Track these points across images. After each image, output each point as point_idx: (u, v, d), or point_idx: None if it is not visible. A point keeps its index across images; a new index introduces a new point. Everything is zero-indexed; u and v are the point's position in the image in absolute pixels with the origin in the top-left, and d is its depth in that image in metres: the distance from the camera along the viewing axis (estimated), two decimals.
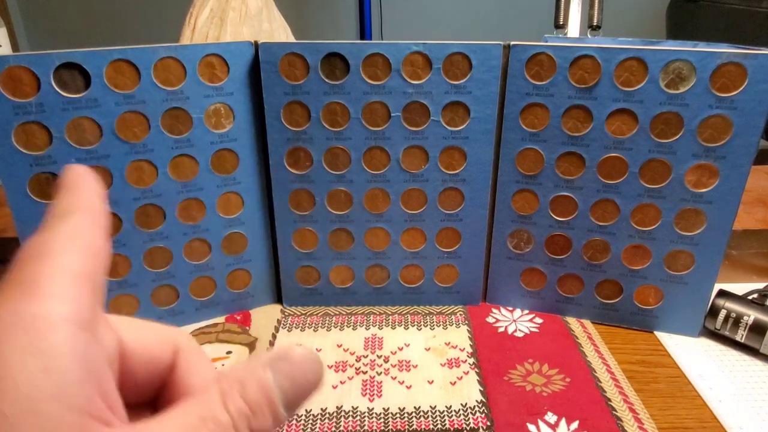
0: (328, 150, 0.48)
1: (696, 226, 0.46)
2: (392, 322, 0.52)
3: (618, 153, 0.45)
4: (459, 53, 0.44)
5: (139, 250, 0.47)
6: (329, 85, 0.45)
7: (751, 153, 0.43)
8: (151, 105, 0.43)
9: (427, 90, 0.45)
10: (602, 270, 0.49)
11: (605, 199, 0.47)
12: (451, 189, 0.49)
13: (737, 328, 0.46)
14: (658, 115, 0.43)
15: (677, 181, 0.45)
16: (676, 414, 0.41)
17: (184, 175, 0.46)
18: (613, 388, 0.43)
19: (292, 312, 0.53)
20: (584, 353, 0.47)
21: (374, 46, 0.44)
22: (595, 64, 0.43)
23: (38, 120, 0.40)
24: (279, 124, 0.47)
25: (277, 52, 0.44)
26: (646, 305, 0.49)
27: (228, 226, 0.49)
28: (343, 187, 0.49)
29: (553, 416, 0.40)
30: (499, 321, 0.52)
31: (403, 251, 0.52)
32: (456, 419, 0.40)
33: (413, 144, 0.47)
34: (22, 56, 0.39)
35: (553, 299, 0.52)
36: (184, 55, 0.43)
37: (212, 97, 0.45)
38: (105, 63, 0.41)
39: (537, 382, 0.44)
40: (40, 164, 0.41)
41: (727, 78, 0.41)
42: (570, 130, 0.46)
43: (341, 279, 0.53)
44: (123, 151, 0.43)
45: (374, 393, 0.43)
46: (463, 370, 0.45)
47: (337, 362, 0.46)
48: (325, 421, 0.40)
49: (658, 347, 0.48)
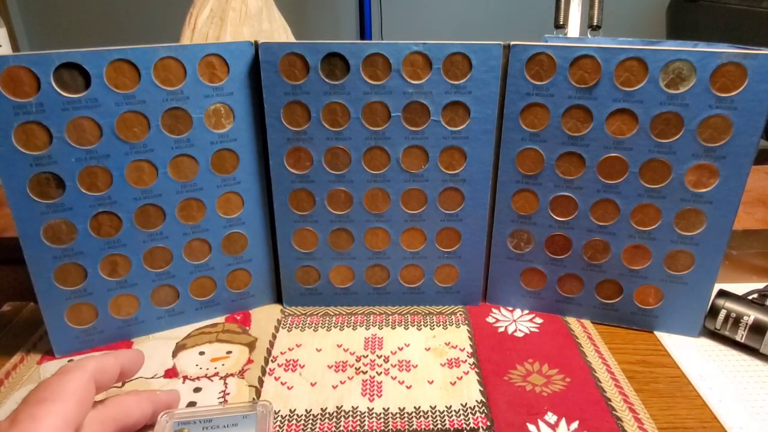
0: (328, 150, 0.48)
1: (696, 226, 0.46)
2: (392, 322, 0.52)
3: (618, 153, 0.45)
4: (459, 53, 0.44)
5: (139, 250, 0.47)
6: (329, 85, 0.45)
7: (751, 153, 0.43)
8: (151, 105, 0.43)
9: (427, 90, 0.45)
10: (602, 270, 0.49)
11: (605, 199, 0.47)
12: (451, 189, 0.49)
13: (737, 328, 0.46)
14: (658, 115, 0.43)
15: (677, 181, 0.45)
16: (676, 414, 0.41)
17: (184, 175, 0.46)
18: (613, 388, 0.43)
19: (292, 312, 0.53)
20: (584, 353, 0.47)
21: (374, 46, 0.44)
22: (595, 64, 0.43)
23: (38, 120, 0.40)
24: (279, 124, 0.47)
25: (277, 52, 0.44)
26: (646, 305, 0.49)
27: (228, 226, 0.49)
28: (343, 187, 0.49)
29: (553, 416, 0.40)
30: (499, 321, 0.52)
31: (403, 251, 0.52)
32: (456, 419, 0.40)
33: (413, 144, 0.47)
34: (22, 56, 0.39)
35: (553, 299, 0.52)
36: (184, 55, 0.43)
37: (212, 97, 0.45)
38: (105, 63, 0.41)
39: (537, 382, 0.44)
40: (40, 164, 0.41)
41: (727, 78, 0.41)
42: (570, 130, 0.46)
43: (341, 279, 0.53)
44: (123, 151, 0.43)
45: (374, 393, 0.43)
46: (463, 370, 0.45)
47: (337, 362, 0.46)
48: (325, 421, 0.40)
49: (658, 347, 0.48)
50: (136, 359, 0.37)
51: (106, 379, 0.34)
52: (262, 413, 0.37)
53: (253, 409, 0.37)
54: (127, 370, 0.36)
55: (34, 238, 0.43)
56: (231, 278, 0.51)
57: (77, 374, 0.32)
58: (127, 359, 0.36)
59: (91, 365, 0.33)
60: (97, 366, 0.33)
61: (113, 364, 0.34)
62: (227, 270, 0.51)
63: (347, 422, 0.40)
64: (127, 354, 0.37)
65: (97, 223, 0.44)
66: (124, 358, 0.36)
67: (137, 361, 0.37)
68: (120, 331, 0.48)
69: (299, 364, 0.46)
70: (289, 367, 0.46)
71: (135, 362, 0.37)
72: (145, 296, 0.48)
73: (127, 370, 0.36)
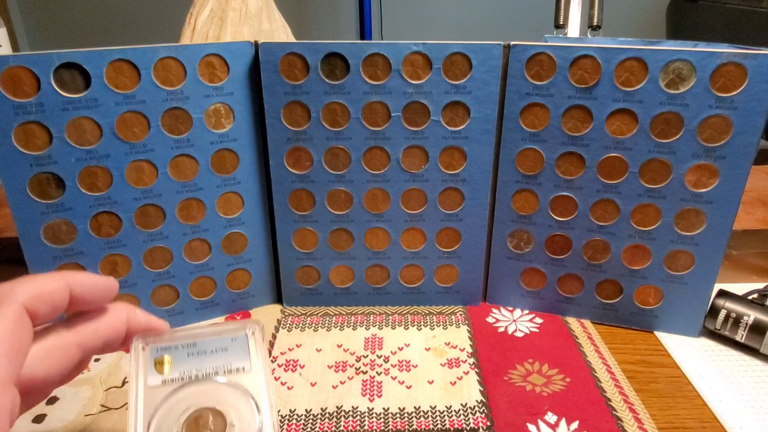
0: (328, 150, 0.48)
1: (696, 226, 0.46)
2: (392, 322, 0.52)
3: (618, 153, 0.45)
4: (459, 53, 0.44)
5: (139, 250, 0.47)
6: (329, 85, 0.45)
7: (751, 153, 0.43)
8: (151, 105, 0.43)
9: (427, 90, 0.45)
10: (602, 270, 0.49)
11: (605, 199, 0.47)
12: (451, 189, 0.49)
13: (737, 328, 0.46)
14: (658, 115, 0.43)
15: (677, 181, 0.45)
16: (676, 414, 0.41)
17: (184, 175, 0.46)
18: (613, 388, 0.43)
19: (292, 312, 0.53)
20: (584, 353, 0.47)
21: (374, 46, 0.44)
22: (595, 64, 0.43)
23: (38, 120, 0.40)
24: (279, 124, 0.47)
25: (277, 52, 0.44)
26: (646, 305, 0.49)
27: (228, 226, 0.49)
28: (343, 187, 0.49)
29: (553, 416, 0.40)
30: (499, 321, 0.52)
31: (403, 251, 0.52)
32: (456, 419, 0.40)
33: (413, 144, 0.47)
34: (22, 56, 0.39)
35: (553, 299, 0.52)
36: (184, 55, 0.43)
37: (212, 97, 0.45)
38: (105, 63, 0.41)
39: (537, 382, 0.44)
40: (40, 164, 0.41)
41: (727, 78, 0.41)
42: (570, 130, 0.46)
43: (341, 279, 0.53)
44: (123, 151, 0.43)
45: (374, 393, 0.43)
46: (463, 370, 0.45)
47: (337, 362, 0.46)
48: (325, 421, 0.40)
49: (658, 347, 0.48)
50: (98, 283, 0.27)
51: (49, 307, 0.25)
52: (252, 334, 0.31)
53: (242, 330, 0.31)
54: (85, 294, 0.27)
55: (34, 238, 0.43)
56: (231, 278, 0.51)
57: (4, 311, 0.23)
58: (79, 282, 0.26)
59: (22, 293, 0.24)
60: (32, 292, 0.25)
61: (59, 288, 0.26)
62: (227, 270, 0.51)
63: (347, 422, 0.40)
64: (84, 276, 0.27)
65: (97, 223, 0.44)
66: (77, 280, 0.26)
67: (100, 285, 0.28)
68: None
69: (299, 364, 0.46)
70: (289, 367, 0.46)
71: (95, 286, 0.27)
72: (145, 296, 0.48)
73: (84, 294, 0.27)
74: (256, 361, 0.30)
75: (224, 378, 0.29)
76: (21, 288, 0.25)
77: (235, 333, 0.31)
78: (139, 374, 0.28)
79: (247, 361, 0.29)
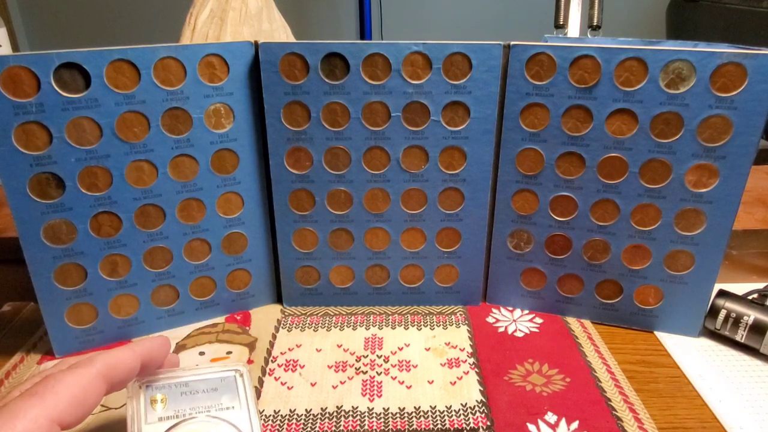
0: (328, 150, 0.48)
1: (696, 226, 0.46)
2: (392, 322, 0.52)
3: (618, 153, 0.45)
4: (459, 53, 0.44)
5: (139, 250, 0.47)
6: (329, 85, 0.45)
7: (751, 153, 0.43)
8: (151, 105, 0.43)
9: (427, 90, 0.45)
10: (602, 270, 0.49)
11: (605, 199, 0.47)
12: (451, 189, 0.49)
13: (737, 328, 0.46)
14: (658, 115, 0.43)
15: (677, 181, 0.45)
16: (676, 414, 0.41)
17: (184, 175, 0.46)
18: (613, 388, 0.43)
19: (292, 312, 0.53)
20: (584, 353, 0.47)
21: (374, 46, 0.44)
22: (595, 64, 0.43)
23: (38, 120, 0.40)
24: (279, 124, 0.47)
25: (277, 52, 0.44)
26: (646, 305, 0.49)
27: (228, 226, 0.49)
28: (343, 187, 0.49)
29: (553, 416, 0.40)
30: (499, 321, 0.52)
31: (403, 251, 0.52)
32: (456, 419, 0.40)
33: (413, 144, 0.47)
34: (22, 56, 0.39)
35: (553, 299, 0.52)
36: (184, 55, 0.43)
37: (212, 97, 0.45)
38: (105, 63, 0.41)
39: (537, 382, 0.44)
40: (40, 164, 0.41)
41: (727, 78, 0.41)
42: (570, 130, 0.46)
43: (341, 279, 0.53)
44: (123, 151, 0.43)
45: (374, 393, 0.43)
46: (463, 370, 0.45)
47: (337, 362, 0.46)
48: (325, 421, 0.40)
49: (658, 347, 0.48)
50: (160, 347, 0.33)
51: (121, 374, 0.30)
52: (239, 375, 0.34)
53: (230, 372, 0.34)
54: (152, 360, 0.33)
55: (34, 238, 0.43)
56: (231, 278, 0.51)
57: (81, 371, 0.29)
58: (147, 350, 0.32)
59: (99, 361, 0.30)
60: (107, 362, 0.30)
61: (130, 359, 0.31)
62: (227, 270, 0.51)
63: (347, 422, 0.40)
64: (148, 344, 0.33)
65: (97, 223, 0.44)
66: (144, 349, 0.32)
67: (161, 348, 0.34)
68: (120, 331, 0.48)
69: (299, 364, 0.46)
70: (289, 367, 0.46)
71: (159, 351, 0.33)
72: (145, 296, 0.48)
73: (151, 361, 0.33)
74: (244, 400, 0.33)
75: (216, 415, 0.32)
76: (98, 357, 0.30)
77: (223, 374, 0.34)
78: (139, 412, 0.31)
79: (236, 399, 0.33)
